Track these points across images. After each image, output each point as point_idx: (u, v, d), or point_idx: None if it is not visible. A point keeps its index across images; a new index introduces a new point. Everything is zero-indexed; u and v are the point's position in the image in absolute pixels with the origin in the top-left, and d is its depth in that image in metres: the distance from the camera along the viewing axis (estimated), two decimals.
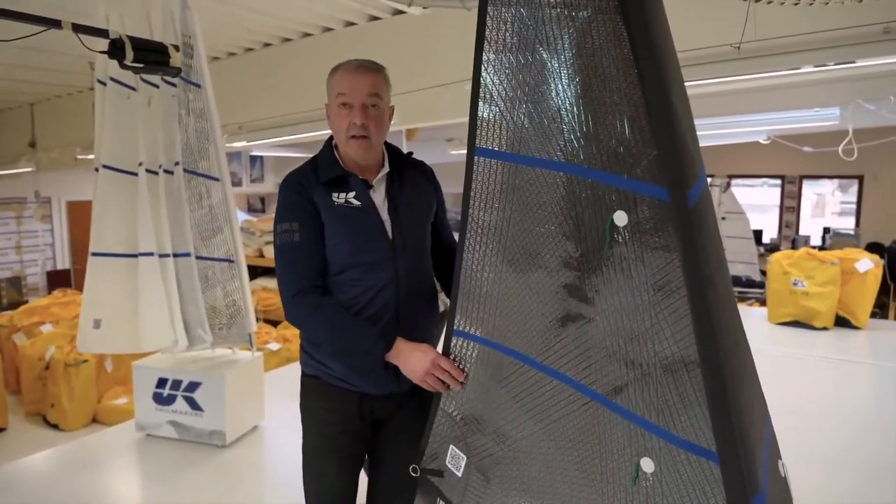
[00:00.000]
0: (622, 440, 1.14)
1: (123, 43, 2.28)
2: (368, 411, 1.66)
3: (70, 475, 3.10)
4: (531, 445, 1.31)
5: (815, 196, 11.38)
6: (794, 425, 3.06)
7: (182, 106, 3.00)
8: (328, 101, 1.61)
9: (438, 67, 4.15)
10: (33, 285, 8.69)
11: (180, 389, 3.26)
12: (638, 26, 0.92)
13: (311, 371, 1.70)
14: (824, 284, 5.06)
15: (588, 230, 1.12)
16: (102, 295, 3.05)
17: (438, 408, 1.51)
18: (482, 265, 1.33)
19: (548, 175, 1.15)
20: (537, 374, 1.27)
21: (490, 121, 1.22)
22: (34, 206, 8.56)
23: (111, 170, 3.01)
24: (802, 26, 2.54)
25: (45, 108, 7.00)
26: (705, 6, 2.74)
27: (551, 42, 1.08)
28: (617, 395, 1.13)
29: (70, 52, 3.89)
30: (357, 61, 1.59)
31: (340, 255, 1.58)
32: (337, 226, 1.57)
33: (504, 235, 1.27)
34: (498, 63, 1.17)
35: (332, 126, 1.61)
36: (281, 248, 1.58)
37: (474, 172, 1.28)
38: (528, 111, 1.15)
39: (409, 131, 6.88)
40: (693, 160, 0.97)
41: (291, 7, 4.26)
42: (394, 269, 1.59)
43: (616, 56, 0.99)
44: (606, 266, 1.10)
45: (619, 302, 1.09)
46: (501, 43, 1.15)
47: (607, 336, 1.12)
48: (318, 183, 1.58)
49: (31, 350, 5.66)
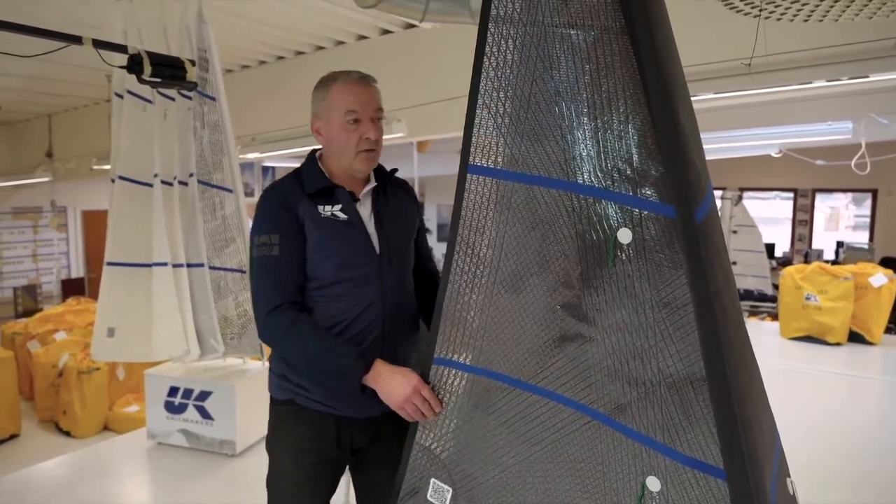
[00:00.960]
0: (626, 459, 1.12)
1: (142, 58, 2.33)
2: (347, 438, 1.59)
3: (82, 482, 3.13)
4: (525, 470, 1.27)
5: (828, 209, 11.30)
6: (805, 442, 3.03)
7: (197, 118, 3.05)
8: (321, 114, 1.55)
9: (449, 80, 4.18)
10: (48, 293, 8.79)
11: (191, 398, 3.29)
12: (645, 46, 0.93)
13: (284, 396, 1.60)
14: (837, 299, 5.01)
15: (589, 248, 1.10)
16: (116, 304, 3.09)
17: (414, 441, 1.44)
18: (470, 288, 1.28)
19: (546, 193, 1.13)
20: (530, 397, 1.24)
21: (486, 137, 1.19)
22: (50, 215, 8.67)
23: (127, 181, 3.06)
24: (813, 41, 2.55)
25: (63, 119, 7.11)
26: (716, 22, 2.75)
27: (555, 60, 1.08)
28: (620, 413, 1.11)
29: (87, 65, 3.97)
30: (356, 73, 1.55)
31: (326, 269, 1.51)
32: (324, 239, 1.51)
33: (496, 256, 1.23)
34: (497, 80, 1.15)
35: (336, 141, 1.54)
36: (258, 262, 1.51)
37: (466, 191, 1.24)
38: (528, 128, 1.13)
39: (420, 144, 6.92)
40: (700, 177, 0.97)
41: (305, 21, 4.32)
42: (380, 284, 1.55)
43: (622, 75, 1.00)
44: (609, 284, 1.08)
45: (622, 320, 1.08)
46: (502, 59, 1.14)
47: (609, 354, 1.11)
48: (303, 195, 1.52)
49: (44, 357, 5.73)
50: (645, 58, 0.93)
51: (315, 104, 1.57)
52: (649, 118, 0.98)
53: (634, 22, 0.93)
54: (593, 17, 1.01)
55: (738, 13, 1.81)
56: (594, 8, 1.01)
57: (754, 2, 1.69)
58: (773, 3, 1.66)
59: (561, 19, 1.05)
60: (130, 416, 5.40)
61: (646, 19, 0.92)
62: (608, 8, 0.99)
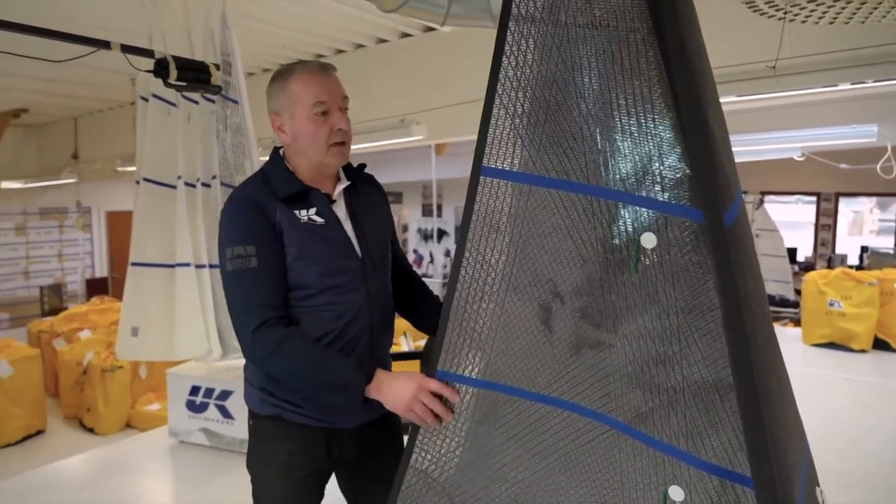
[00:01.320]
0: (647, 469, 1.09)
1: (168, 62, 2.37)
2: (337, 449, 1.52)
3: (106, 478, 3.18)
4: (536, 484, 1.23)
5: (852, 213, 11.12)
6: (829, 450, 2.98)
7: (220, 121, 3.09)
8: (282, 110, 1.45)
9: (469, 83, 4.18)
10: (73, 292, 8.94)
11: (213, 397, 3.33)
12: (675, 47, 0.91)
13: (269, 412, 1.48)
14: (862, 305, 4.92)
15: (610, 253, 1.07)
16: (140, 304, 3.14)
17: (409, 465, 1.34)
18: (479, 297, 1.22)
19: (566, 197, 1.10)
20: (542, 408, 1.20)
21: (502, 139, 1.15)
22: (75, 215, 8.83)
23: (151, 182, 3.11)
24: (838, 44, 2.52)
25: (88, 121, 7.24)
26: (738, 24, 2.73)
27: (577, 60, 1.05)
28: (640, 422, 1.08)
29: (112, 69, 4.04)
30: (316, 63, 1.46)
31: (309, 277, 1.41)
32: (305, 245, 1.41)
33: (509, 262, 1.18)
34: (516, 79, 1.12)
35: (304, 136, 1.43)
36: (234, 276, 1.37)
37: (478, 194, 1.18)
38: (548, 130, 1.10)
39: (438, 146, 6.93)
40: (729, 181, 0.96)
41: (325, 24, 4.35)
42: (366, 289, 1.47)
43: (648, 77, 0.98)
44: (631, 289, 1.06)
45: (645, 326, 1.05)
46: (521, 59, 1.11)
47: (629, 361, 1.08)
48: (275, 199, 1.41)
49: (69, 355, 5.82)
50: (675, 59, 0.91)
51: (273, 100, 1.46)
52: (677, 121, 0.96)
53: (664, 23, 0.92)
54: (619, 17, 0.99)
55: (762, 16, 1.80)
56: (620, 8, 0.99)
57: (779, 5, 1.68)
58: (797, 5, 1.65)
59: (584, 19, 1.03)
60: (152, 414, 5.47)
61: (675, 20, 0.91)
62: (634, 8, 0.97)
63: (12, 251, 8.43)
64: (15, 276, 8.46)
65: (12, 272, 8.43)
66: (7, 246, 8.39)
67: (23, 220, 8.55)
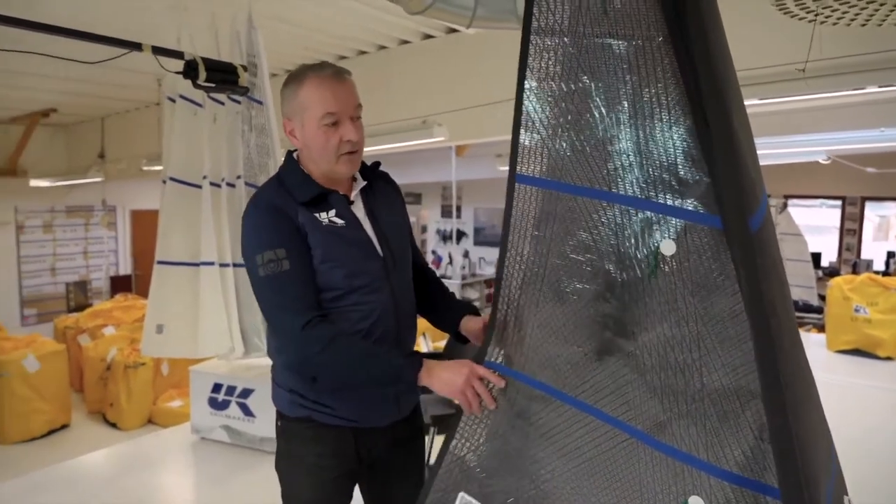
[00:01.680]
0: (666, 479, 1.08)
1: (197, 64, 2.41)
2: (366, 449, 1.53)
3: (129, 473, 3.24)
4: (561, 486, 1.25)
5: (877, 218, 10.91)
6: (855, 459, 2.93)
7: (245, 122, 3.13)
8: (293, 115, 1.44)
9: (491, 85, 4.19)
10: (97, 289, 9.10)
11: (234, 395, 3.37)
12: (700, 53, 0.92)
13: (300, 413, 1.49)
14: (888, 312, 4.84)
15: (630, 260, 1.08)
16: (166, 302, 3.19)
17: (448, 451, 1.38)
18: (519, 294, 1.28)
19: (589, 203, 1.13)
20: (570, 410, 1.22)
21: (531, 148, 1.20)
22: (101, 213, 8.98)
23: (178, 182, 3.16)
24: (867, 46, 2.47)
25: (115, 121, 7.36)
26: (764, 25, 2.70)
27: (596, 70, 1.07)
28: (660, 431, 1.08)
29: (139, 70, 4.11)
30: (329, 68, 1.42)
31: (334, 279, 1.41)
32: (329, 248, 1.41)
33: (542, 264, 1.23)
34: (540, 91, 1.16)
35: (314, 146, 1.42)
36: (269, 281, 1.36)
37: (515, 199, 1.25)
38: (571, 139, 1.13)
39: (459, 148, 6.94)
40: (754, 186, 0.96)
41: (348, 26, 4.38)
42: (390, 288, 1.48)
43: (665, 84, 0.99)
44: (650, 297, 1.07)
45: (664, 334, 1.05)
46: (544, 71, 1.14)
47: (648, 370, 1.08)
48: (295, 203, 1.41)
49: (93, 351, 5.92)
50: (700, 64, 0.92)
51: (285, 104, 1.44)
52: (695, 127, 0.97)
53: (688, 29, 0.92)
54: (635, 26, 1.01)
55: (792, 18, 1.78)
56: (636, 17, 1.00)
57: (810, 6, 1.66)
58: (829, 7, 1.63)
59: (602, 29, 1.05)
60: (173, 410, 5.55)
61: (700, 26, 0.91)
62: (650, 17, 0.98)
63: (40, 248, 8.61)
64: (42, 273, 8.63)
65: (40, 269, 8.60)
66: (35, 243, 8.56)
67: (50, 217, 8.72)
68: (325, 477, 1.51)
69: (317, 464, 1.50)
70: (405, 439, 1.56)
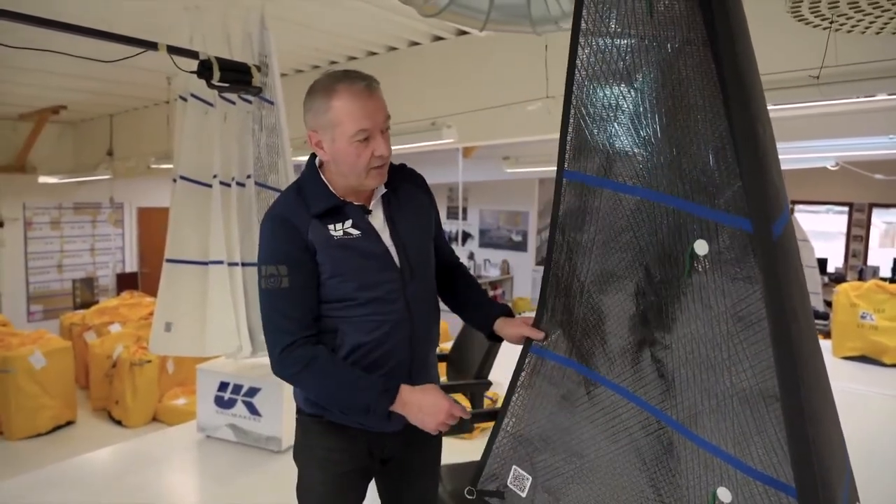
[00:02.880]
0: (698, 469, 1.12)
1: (212, 63, 2.42)
2: (379, 449, 1.54)
3: (136, 470, 3.24)
4: (604, 466, 1.31)
5: (884, 225, 10.88)
6: (859, 465, 2.92)
7: (255, 121, 3.14)
8: (322, 129, 1.39)
9: (501, 87, 4.20)
10: (104, 286, 9.13)
11: (241, 394, 3.37)
12: (728, 59, 0.93)
13: (312, 410, 1.52)
14: (895, 319, 4.83)
15: (668, 257, 1.12)
16: (175, 300, 3.19)
17: (500, 428, 1.49)
18: (567, 286, 1.35)
19: (631, 200, 1.18)
20: (614, 396, 1.28)
21: (577, 145, 1.26)
22: (108, 211, 9.01)
23: (188, 181, 3.17)
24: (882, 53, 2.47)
25: (123, 119, 7.38)
26: (777, 32, 2.70)
27: (639, 71, 1.11)
28: (693, 422, 1.12)
29: (149, 68, 4.12)
30: (360, 80, 1.38)
31: (344, 292, 1.41)
32: (339, 263, 1.40)
33: (588, 257, 1.29)
34: (588, 90, 1.21)
35: (344, 162, 1.39)
36: (267, 295, 1.40)
37: (562, 195, 1.31)
38: (615, 137, 1.19)
39: (466, 149, 6.94)
40: (778, 192, 0.97)
41: (358, 27, 4.39)
42: (404, 301, 1.46)
43: (703, 87, 1.01)
44: (685, 294, 1.10)
45: (697, 331, 1.09)
46: (591, 71, 1.19)
47: (683, 364, 1.13)
48: (309, 216, 1.40)
49: (99, 348, 5.94)
50: (727, 71, 0.93)
51: (314, 116, 1.40)
52: (728, 131, 0.98)
53: (718, 35, 0.94)
54: (676, 29, 1.04)
55: (806, 25, 1.78)
56: (677, 20, 1.03)
57: (825, 14, 1.66)
58: (844, 15, 1.63)
59: (646, 31, 1.08)
60: (178, 408, 5.56)
61: (728, 33, 0.93)
62: (690, 21, 1.00)
63: (47, 245, 8.63)
64: (49, 269, 8.66)
65: (47, 265, 8.63)
66: (42, 239, 8.59)
67: (58, 214, 8.75)
68: (336, 471, 1.53)
69: (328, 458, 1.52)
70: (424, 439, 1.54)
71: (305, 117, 1.43)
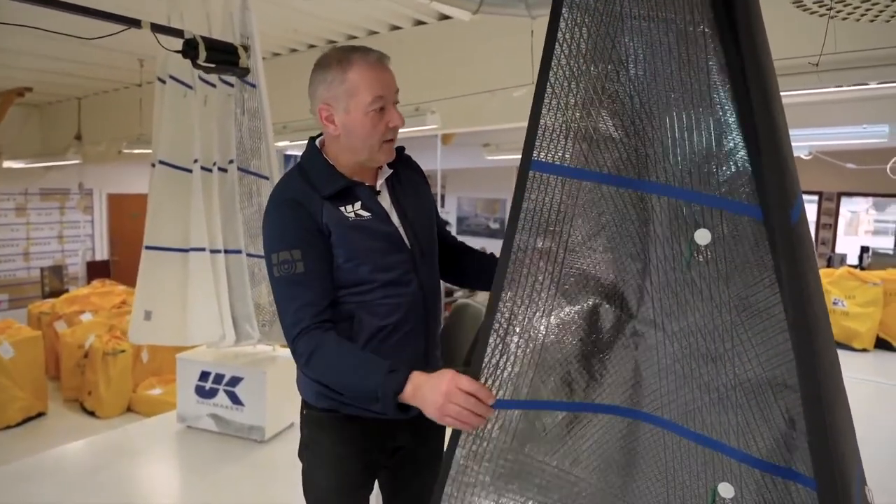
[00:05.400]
0: (695, 467, 1.08)
1: (197, 43, 2.33)
2: (391, 440, 1.52)
3: (114, 462, 3.17)
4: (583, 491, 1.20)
5: (849, 213, 11.16)
6: None
7: (238, 105, 3.06)
8: (336, 101, 1.36)
9: (483, 73, 4.16)
10: (73, 275, 8.88)
11: (222, 383, 3.32)
12: (747, 44, 0.90)
13: (325, 404, 1.46)
14: (866, 305, 4.96)
15: (661, 250, 1.06)
16: (154, 288, 3.12)
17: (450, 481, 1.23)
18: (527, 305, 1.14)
19: (616, 193, 1.07)
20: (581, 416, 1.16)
21: (553, 132, 1.09)
22: (77, 197, 8.75)
23: (167, 166, 3.08)
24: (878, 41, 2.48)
25: (93, 102, 7.16)
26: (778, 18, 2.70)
27: (632, 52, 1.02)
28: (689, 419, 1.07)
29: (119, 49, 3.98)
30: (373, 53, 1.37)
31: (360, 275, 1.38)
32: (355, 244, 1.37)
33: (558, 265, 1.12)
34: (569, 69, 1.06)
35: (359, 133, 1.37)
36: (281, 283, 1.34)
37: (527, 191, 1.11)
38: (600, 123, 1.06)
39: (444, 136, 6.89)
40: (794, 178, 0.96)
41: (339, 10, 4.31)
42: (418, 281, 1.44)
43: (706, 71, 0.97)
44: (682, 287, 1.04)
45: (695, 323, 1.04)
46: (575, 48, 1.05)
47: (678, 359, 1.07)
48: (318, 198, 1.36)
49: (71, 338, 5.79)
50: (747, 54, 0.90)
51: (327, 88, 1.37)
52: (735, 116, 0.95)
53: (737, 17, 0.91)
54: (678, 10, 0.97)
55: (804, 11, 1.78)
56: (680, 1, 0.97)
57: (824, 1, 1.67)
58: (842, 2, 1.64)
59: (640, 11, 1.01)
60: (154, 398, 5.46)
61: (747, 15, 0.90)
62: (696, 2, 0.95)
63: (13, 232, 8.35)
64: (15, 257, 8.38)
65: (12, 253, 8.35)
66: (7, 226, 8.30)
67: (24, 200, 8.46)
68: (348, 468, 1.50)
69: (341, 454, 1.49)
70: (433, 426, 1.53)
71: (315, 91, 1.40)
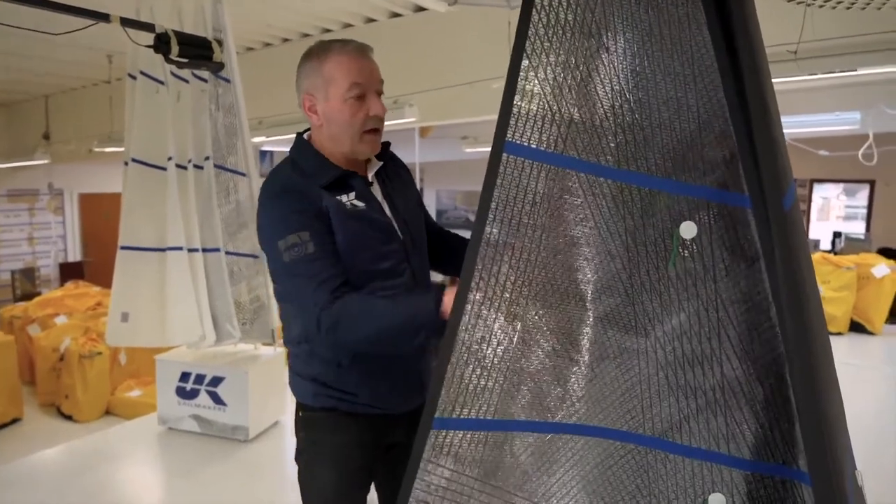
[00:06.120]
0: (681, 482, 1.02)
1: (169, 37, 2.27)
2: (390, 436, 1.51)
3: (95, 467, 3.10)
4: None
5: (820, 200, 11.36)
6: None
7: (212, 100, 3.00)
8: (315, 90, 1.37)
9: (461, 65, 4.14)
10: (46, 277, 8.68)
11: (203, 384, 3.27)
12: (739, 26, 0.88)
13: (324, 403, 1.46)
14: (840, 289, 5.05)
15: (642, 246, 0.99)
16: (131, 289, 3.05)
17: None
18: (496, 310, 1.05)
19: (594, 182, 0.99)
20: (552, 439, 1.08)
21: (530, 110, 0.99)
22: (47, 198, 8.55)
23: (141, 164, 3.01)
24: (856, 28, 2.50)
25: (61, 100, 6.98)
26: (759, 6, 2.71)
27: (613, 30, 0.96)
28: (675, 432, 1.01)
29: (87, 45, 3.88)
30: (355, 43, 1.38)
31: (357, 264, 1.37)
32: (351, 232, 1.37)
33: (531, 263, 1.03)
34: (547, 40, 0.97)
35: (338, 121, 1.37)
36: (294, 266, 1.31)
37: (500, 176, 1.00)
38: (579, 103, 0.98)
39: (422, 129, 6.86)
40: (786, 164, 0.95)
41: (313, 2, 4.25)
42: (411, 271, 1.45)
43: (693, 54, 0.94)
44: (666, 286, 0.98)
45: (680, 325, 0.98)
46: (554, 17, 0.97)
47: (662, 367, 1.00)
48: (316, 187, 1.36)
49: (45, 341, 5.66)
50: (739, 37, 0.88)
51: (307, 79, 1.39)
52: (727, 102, 0.93)
53: None
54: None
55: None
56: None
57: None
58: None
59: None
60: (132, 400, 5.37)
61: None
62: None
63: None
64: None
65: None
66: None
67: None
68: (348, 468, 1.49)
69: (341, 454, 1.48)
70: None
71: (300, 83, 1.41)
